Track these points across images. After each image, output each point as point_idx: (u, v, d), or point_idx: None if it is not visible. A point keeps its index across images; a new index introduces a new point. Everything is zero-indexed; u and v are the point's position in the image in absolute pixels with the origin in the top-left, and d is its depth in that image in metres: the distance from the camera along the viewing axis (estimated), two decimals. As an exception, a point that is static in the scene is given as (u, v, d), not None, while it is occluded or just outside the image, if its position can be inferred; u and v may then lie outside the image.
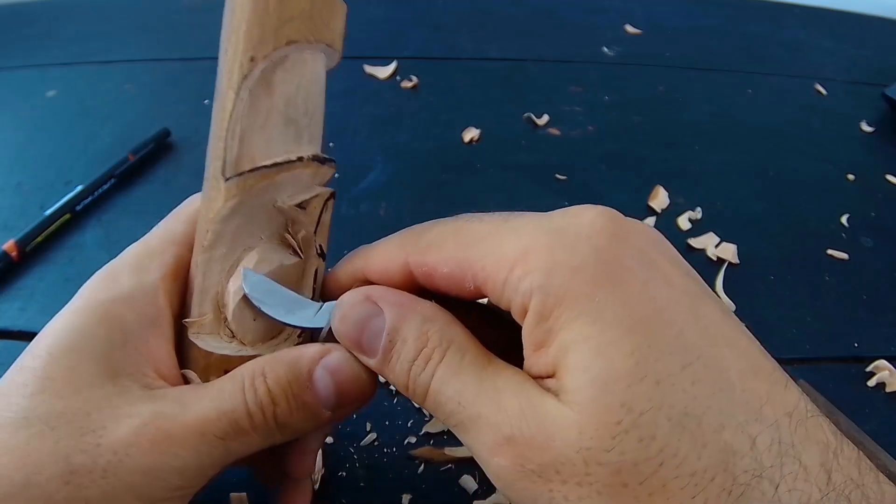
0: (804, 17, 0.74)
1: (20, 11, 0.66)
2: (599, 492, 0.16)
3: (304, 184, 0.23)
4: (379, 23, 0.66)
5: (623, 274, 0.17)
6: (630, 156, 0.52)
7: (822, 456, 0.16)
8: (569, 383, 0.17)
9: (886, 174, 0.52)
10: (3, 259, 0.40)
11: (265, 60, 0.20)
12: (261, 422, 0.20)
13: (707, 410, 0.16)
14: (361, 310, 0.20)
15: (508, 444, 0.17)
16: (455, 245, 0.20)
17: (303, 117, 0.22)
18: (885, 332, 0.40)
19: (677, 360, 0.16)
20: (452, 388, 0.18)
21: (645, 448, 0.15)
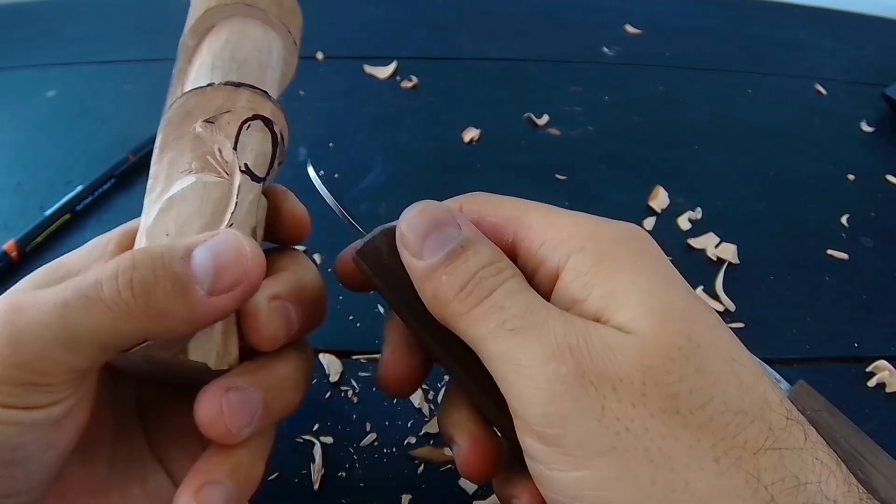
0: (804, 17, 0.74)
1: (20, 11, 0.66)
2: (653, 414, 0.16)
3: (219, 106, 0.24)
4: (379, 23, 0.66)
5: (658, 259, 0.19)
6: (630, 156, 0.52)
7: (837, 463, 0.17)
8: (624, 316, 0.17)
9: (886, 174, 0.52)
10: (3, 259, 0.40)
11: (224, 19, 0.26)
12: (111, 288, 0.17)
13: (748, 362, 0.17)
14: (440, 214, 0.20)
15: (570, 352, 0.17)
16: (511, 205, 0.22)
17: (229, 63, 0.25)
18: (885, 332, 0.40)
19: (717, 318, 0.18)
20: (521, 297, 0.19)
21: (701, 377, 0.16)
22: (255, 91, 0.25)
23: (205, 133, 0.23)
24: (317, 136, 0.52)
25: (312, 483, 0.30)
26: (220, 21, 0.26)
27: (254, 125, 0.24)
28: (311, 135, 0.52)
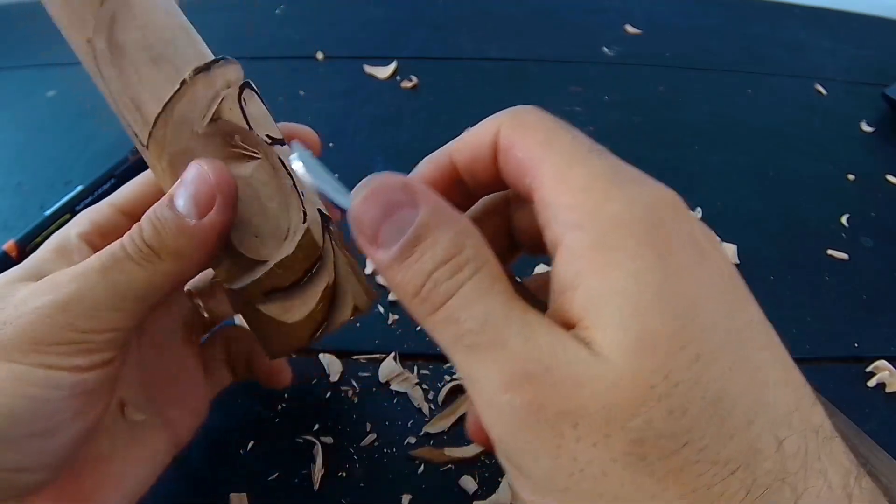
0: (804, 17, 0.74)
1: (20, 11, 0.66)
2: (614, 458, 0.14)
3: (210, 95, 0.22)
4: (379, 23, 0.66)
5: (675, 246, 0.16)
6: (630, 156, 0.51)
7: (843, 479, 0.15)
8: (601, 338, 0.15)
9: (886, 174, 0.52)
10: (3, 259, 0.40)
11: (96, 33, 0.21)
12: (133, 248, 0.21)
13: (740, 400, 0.15)
14: (393, 193, 0.17)
15: (529, 382, 0.15)
16: (538, 139, 0.18)
17: (166, 48, 0.22)
18: (885, 332, 0.40)
19: (721, 338, 0.15)
20: (479, 307, 0.16)
21: (674, 422, 0.14)
22: (217, 63, 0.23)
23: (212, 129, 0.22)
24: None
25: (313, 483, 0.30)
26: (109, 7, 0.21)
27: (245, 95, 0.23)
28: (311, 135, 0.52)
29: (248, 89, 0.23)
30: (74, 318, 0.20)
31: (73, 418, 0.21)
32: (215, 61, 0.23)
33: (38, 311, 0.20)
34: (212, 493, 0.30)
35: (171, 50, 0.22)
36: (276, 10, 0.67)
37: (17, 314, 0.20)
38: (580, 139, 0.18)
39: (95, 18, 0.21)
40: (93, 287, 0.20)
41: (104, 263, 0.21)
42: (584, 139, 0.18)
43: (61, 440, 0.21)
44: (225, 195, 0.21)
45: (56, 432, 0.21)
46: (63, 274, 0.21)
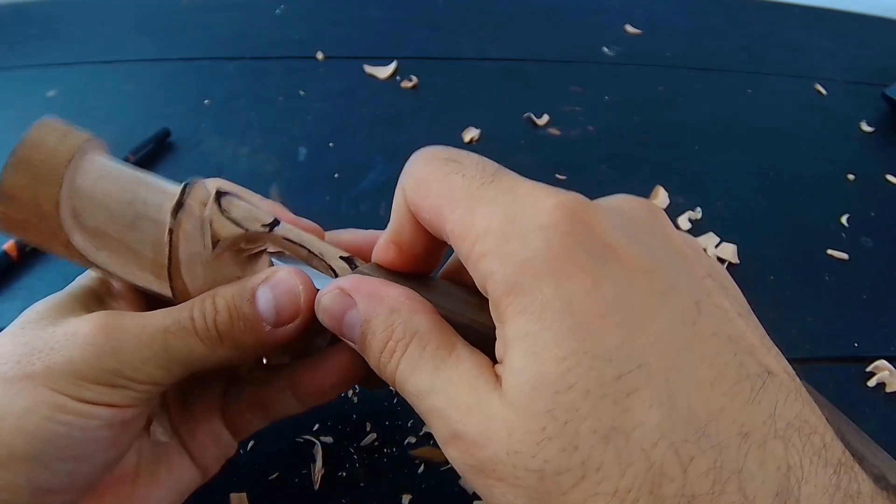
0: (804, 17, 0.74)
1: (20, 11, 0.66)
2: (529, 496, 0.16)
3: (198, 224, 0.23)
4: (379, 23, 0.66)
5: (572, 271, 0.16)
6: (630, 156, 0.52)
7: (778, 484, 0.15)
8: (506, 381, 0.17)
9: (886, 174, 0.52)
10: (3, 259, 0.40)
11: (70, 234, 0.21)
12: (202, 325, 0.21)
13: (638, 426, 0.15)
14: (338, 303, 0.21)
15: (456, 440, 0.17)
16: (436, 195, 0.19)
17: (132, 206, 0.22)
18: (885, 332, 0.40)
19: (614, 369, 0.15)
20: (412, 382, 0.19)
21: (567, 458, 0.15)
22: (185, 193, 0.23)
23: (218, 250, 0.23)
24: (317, 136, 0.52)
25: (313, 483, 0.30)
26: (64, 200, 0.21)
27: (224, 205, 0.23)
28: (311, 135, 0.52)
29: (223, 197, 0.23)
30: (121, 365, 0.20)
31: (106, 446, 0.21)
32: (182, 192, 0.23)
33: (87, 349, 0.20)
34: (212, 493, 0.30)
35: (139, 207, 0.22)
36: (276, 10, 0.67)
37: (67, 344, 0.20)
38: (470, 175, 0.19)
39: (62, 224, 0.21)
40: (150, 345, 0.21)
41: (168, 327, 0.21)
42: (473, 172, 0.19)
43: (92, 465, 0.21)
44: (306, 316, 0.22)
45: (88, 458, 0.21)
46: (121, 318, 0.21)
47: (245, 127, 0.52)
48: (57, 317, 0.22)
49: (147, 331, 0.21)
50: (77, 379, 0.20)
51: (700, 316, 0.17)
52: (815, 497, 0.15)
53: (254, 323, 0.22)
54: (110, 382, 0.20)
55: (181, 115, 0.53)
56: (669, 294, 0.17)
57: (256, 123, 0.53)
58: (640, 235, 0.18)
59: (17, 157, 0.20)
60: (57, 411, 0.20)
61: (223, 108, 0.54)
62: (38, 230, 0.21)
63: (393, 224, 0.22)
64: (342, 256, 0.24)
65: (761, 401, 0.16)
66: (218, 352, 0.22)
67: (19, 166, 0.20)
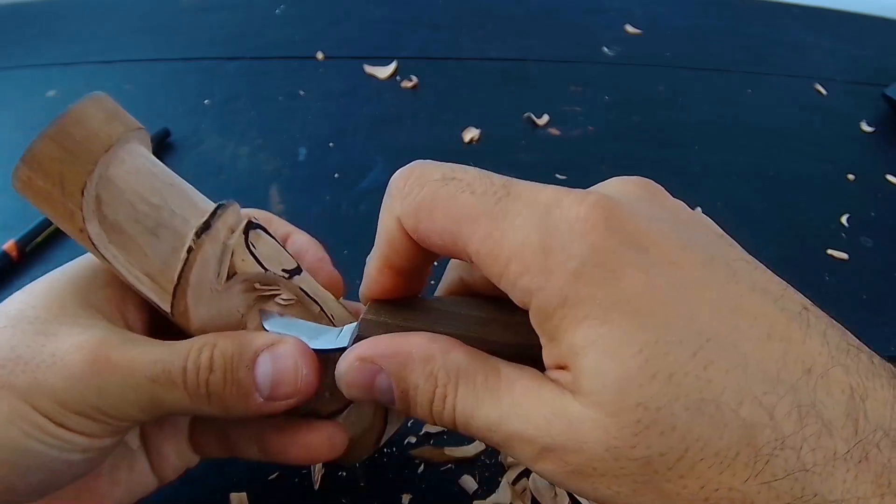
0: (804, 17, 0.74)
1: (20, 11, 0.66)
2: (635, 480, 0.17)
3: (219, 251, 0.22)
4: (379, 23, 0.66)
5: (622, 269, 0.17)
6: (630, 156, 0.52)
7: (847, 405, 0.16)
8: (586, 385, 0.17)
9: (886, 174, 0.52)
10: (3, 259, 0.40)
11: (87, 221, 0.20)
12: (192, 382, 0.21)
13: (724, 390, 0.16)
14: (362, 374, 0.20)
15: (547, 453, 0.18)
16: (446, 217, 0.19)
17: (160, 213, 0.21)
18: (885, 332, 0.40)
19: (687, 348, 0.16)
20: (478, 419, 0.19)
21: (667, 439, 0.16)
22: (216, 215, 0.22)
23: (230, 283, 0.22)
24: (317, 136, 0.52)
25: (313, 483, 0.30)
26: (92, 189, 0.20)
27: (251, 238, 0.22)
28: (311, 135, 0.52)
29: (252, 230, 0.23)
30: (105, 405, 0.20)
31: (80, 467, 0.21)
32: (213, 214, 0.22)
33: (71, 381, 0.20)
34: (212, 493, 0.30)
35: (165, 214, 0.21)
36: (276, 10, 0.67)
37: (53, 368, 0.20)
38: (480, 190, 0.18)
39: (81, 208, 0.20)
40: (135, 390, 0.20)
41: (157, 377, 0.20)
42: (483, 187, 0.18)
43: (63, 479, 0.21)
44: (303, 395, 0.22)
45: (61, 474, 0.21)
46: (111, 352, 0.20)
47: (245, 127, 0.52)
48: (50, 319, 0.21)
49: (135, 376, 0.20)
50: (59, 405, 0.20)
51: (735, 276, 0.18)
52: (878, 409, 0.16)
53: (247, 391, 0.21)
54: (91, 416, 0.20)
55: (181, 115, 0.53)
56: (707, 263, 0.18)
57: (256, 123, 0.52)
58: (657, 215, 0.19)
59: (57, 127, 0.19)
60: (37, 430, 0.19)
61: (223, 108, 0.54)
62: (56, 205, 0.20)
63: (383, 250, 0.21)
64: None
65: (812, 336, 0.17)
66: (203, 409, 0.21)
67: (56, 137, 0.20)
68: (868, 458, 0.16)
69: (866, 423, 0.16)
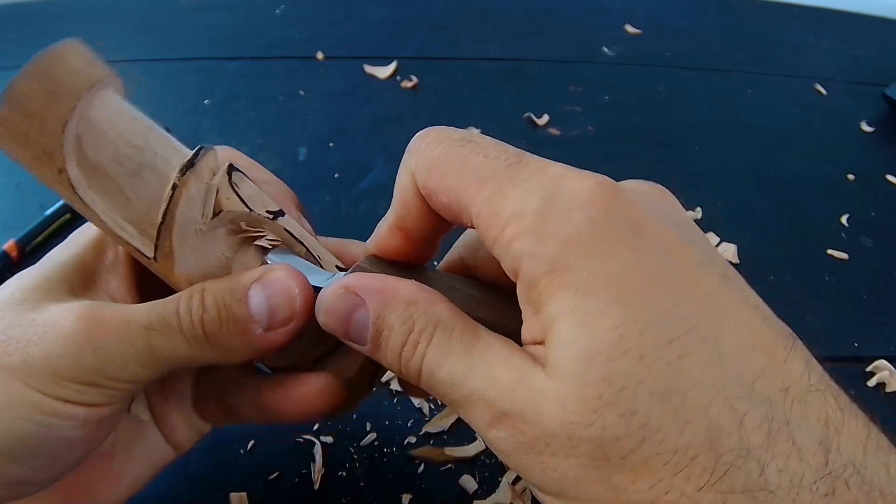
0: (804, 17, 0.74)
1: (20, 11, 0.66)
2: (585, 465, 0.16)
3: (203, 190, 0.21)
4: (379, 23, 0.66)
5: (615, 245, 0.17)
6: (630, 156, 0.52)
7: (821, 433, 0.15)
8: (553, 356, 0.16)
9: (886, 174, 0.52)
10: (3, 259, 0.40)
11: (67, 161, 0.19)
12: (188, 323, 0.20)
13: (694, 386, 0.15)
14: (343, 303, 0.20)
15: (503, 419, 0.17)
16: (455, 176, 0.19)
17: (142, 155, 0.21)
18: (885, 332, 0.40)
19: (665, 333, 0.16)
20: (444, 370, 0.18)
21: (625, 423, 0.15)
22: (198, 154, 0.21)
23: (216, 223, 0.22)
24: (317, 136, 0.52)
25: (313, 483, 0.30)
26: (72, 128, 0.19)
27: (234, 179, 0.22)
28: (311, 135, 0.52)
29: (235, 172, 0.22)
30: (102, 363, 0.19)
31: (82, 444, 0.21)
32: (195, 154, 0.21)
33: (67, 344, 0.19)
34: (212, 493, 0.30)
35: (148, 156, 0.21)
36: (276, 10, 0.67)
37: (46, 336, 0.19)
38: (493, 155, 0.19)
39: (62, 146, 0.19)
40: (132, 342, 0.20)
41: (152, 323, 0.20)
42: (496, 153, 0.19)
43: (66, 461, 0.21)
44: (301, 320, 0.21)
45: (62, 456, 0.21)
46: (103, 311, 0.20)
47: (245, 127, 0.52)
48: (38, 299, 0.20)
49: (130, 327, 0.20)
50: (55, 377, 0.19)
51: (729, 284, 0.18)
52: (851, 445, 0.15)
53: (244, 325, 0.20)
54: (90, 381, 0.19)
55: (181, 115, 0.53)
56: (704, 265, 0.17)
57: (256, 123, 0.53)
58: (662, 213, 0.19)
59: (36, 65, 0.19)
60: (33, 410, 0.19)
61: (223, 108, 0.54)
62: (35, 146, 0.19)
63: (397, 209, 0.21)
64: (338, 266, 0.23)
65: (794, 360, 0.17)
66: (204, 353, 0.21)
67: (37, 76, 0.19)
68: (835, 494, 0.15)
69: (838, 455, 0.15)
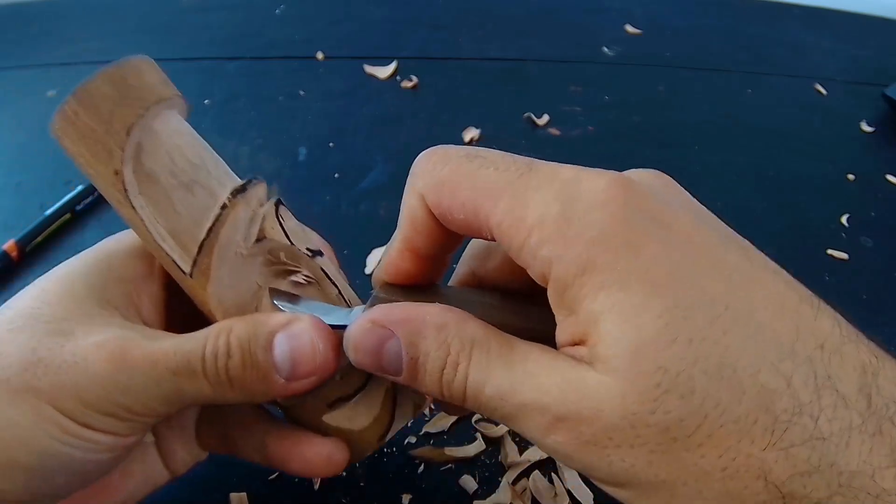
0: (804, 17, 0.74)
1: (20, 11, 0.66)
2: (652, 450, 0.16)
3: (249, 216, 0.22)
4: (379, 23, 0.66)
5: (641, 239, 0.17)
6: (630, 156, 0.52)
7: (860, 380, 0.16)
8: (603, 352, 0.17)
9: (886, 174, 0.52)
10: (3, 259, 0.40)
11: (125, 163, 0.20)
12: (212, 368, 0.20)
13: (741, 357, 0.16)
14: (372, 337, 0.20)
15: (560, 423, 0.17)
16: (469, 191, 0.19)
17: (197, 172, 0.22)
18: (885, 332, 0.40)
19: (705, 314, 0.17)
20: (490, 387, 0.18)
21: (687, 404, 0.16)
22: (251, 182, 0.23)
23: (256, 249, 0.22)
24: (317, 136, 0.52)
25: (313, 483, 0.30)
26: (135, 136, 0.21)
27: (281, 212, 0.23)
28: (311, 135, 0.52)
29: (281, 206, 0.23)
30: (129, 401, 0.20)
31: (105, 466, 0.22)
32: (249, 181, 0.22)
33: (95, 380, 0.20)
34: (212, 493, 0.30)
35: (202, 174, 0.22)
36: (276, 10, 0.67)
37: (75, 368, 0.20)
38: (503, 166, 0.19)
39: (123, 148, 0.20)
40: (158, 384, 0.20)
41: (178, 367, 0.20)
42: (506, 164, 0.19)
43: (88, 479, 0.22)
44: (322, 372, 0.21)
45: (86, 474, 0.21)
46: (132, 348, 0.20)
47: (245, 127, 0.52)
48: (67, 317, 0.21)
49: (156, 370, 0.20)
50: (82, 406, 0.20)
51: (749, 256, 0.19)
52: (889, 386, 0.17)
53: (266, 373, 0.21)
54: (114, 414, 0.20)
55: (181, 115, 0.53)
56: (723, 242, 0.18)
57: (256, 123, 0.53)
58: (674, 200, 0.19)
59: (114, 70, 0.20)
60: (62, 432, 0.19)
61: (223, 108, 0.54)
62: (96, 144, 0.20)
63: (405, 231, 0.21)
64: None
65: (822, 316, 0.18)
66: (226, 394, 0.21)
67: (112, 79, 0.20)
68: (882, 432, 0.16)
69: (879, 397, 0.16)
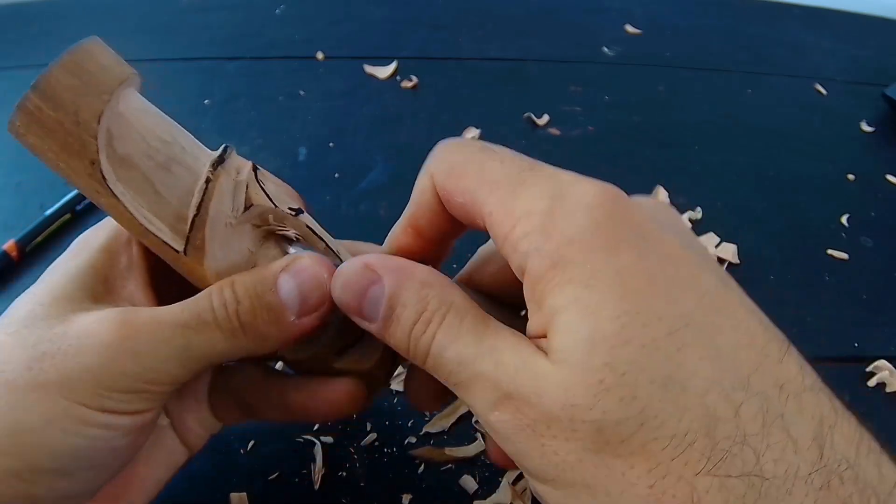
0: (804, 17, 0.74)
1: (20, 11, 0.66)
2: (585, 447, 0.16)
3: (232, 185, 0.22)
4: (379, 23, 0.66)
5: (618, 245, 0.17)
6: (630, 156, 0.52)
7: (815, 430, 0.16)
8: (557, 343, 0.17)
9: (886, 174, 0.52)
10: (3, 259, 0.40)
11: (99, 153, 0.19)
12: (223, 317, 0.20)
13: (692, 376, 0.16)
14: (361, 278, 0.20)
15: (507, 400, 0.18)
16: (472, 179, 0.20)
17: (170, 147, 0.21)
18: (885, 332, 0.40)
19: (665, 325, 0.17)
20: (452, 350, 0.19)
21: (626, 407, 0.16)
22: (226, 152, 0.22)
23: (244, 217, 0.22)
24: (317, 136, 0.52)
25: (313, 483, 0.30)
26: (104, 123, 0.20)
27: (259, 176, 0.23)
28: (311, 135, 0.52)
29: (258, 170, 0.23)
30: (141, 368, 0.20)
31: (126, 452, 0.21)
32: (224, 150, 0.22)
33: (103, 353, 0.19)
34: (212, 493, 0.30)
35: (176, 150, 0.21)
36: (276, 10, 0.67)
37: (81, 348, 0.19)
38: (509, 161, 0.20)
39: (95, 137, 0.19)
40: (168, 342, 0.20)
41: (188, 322, 0.20)
42: (512, 160, 0.20)
43: (112, 470, 0.22)
44: (331, 304, 0.22)
45: (109, 465, 0.21)
46: (135, 314, 0.20)
47: (245, 127, 0.52)
48: (63, 311, 0.20)
49: (164, 327, 0.20)
50: (97, 388, 0.19)
51: (727, 287, 0.19)
52: (843, 444, 0.16)
53: (278, 312, 0.21)
54: (131, 388, 0.20)
55: (181, 115, 0.52)
56: (703, 269, 0.18)
57: (256, 123, 0.53)
58: (667, 223, 0.19)
59: (69, 58, 0.19)
60: (79, 424, 0.19)
61: (223, 108, 0.54)
62: (66, 139, 0.19)
63: (413, 209, 0.22)
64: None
65: (789, 361, 0.17)
66: (240, 344, 0.21)
67: (70, 68, 0.19)
68: (830, 487, 0.15)
69: (832, 451, 0.16)
